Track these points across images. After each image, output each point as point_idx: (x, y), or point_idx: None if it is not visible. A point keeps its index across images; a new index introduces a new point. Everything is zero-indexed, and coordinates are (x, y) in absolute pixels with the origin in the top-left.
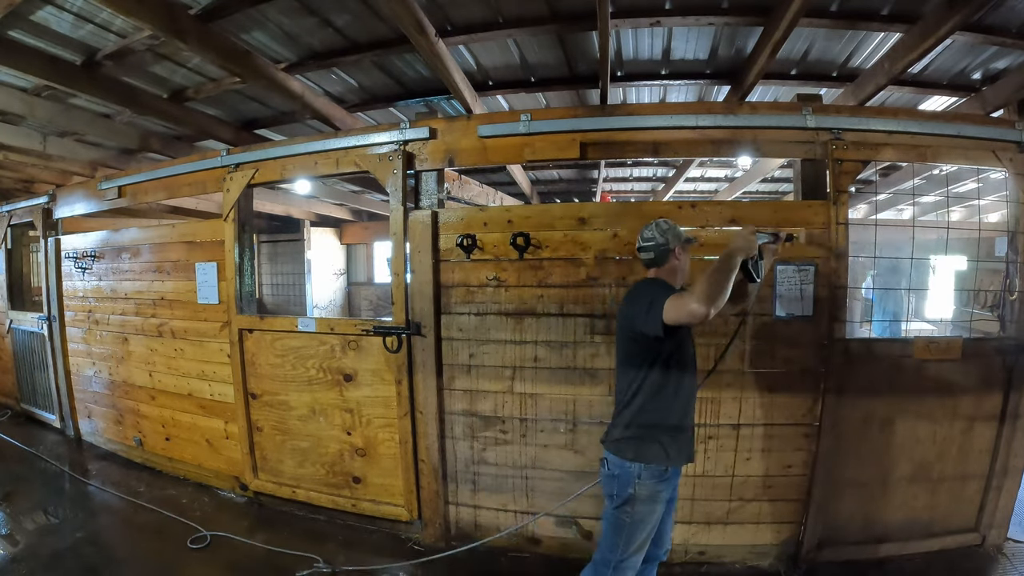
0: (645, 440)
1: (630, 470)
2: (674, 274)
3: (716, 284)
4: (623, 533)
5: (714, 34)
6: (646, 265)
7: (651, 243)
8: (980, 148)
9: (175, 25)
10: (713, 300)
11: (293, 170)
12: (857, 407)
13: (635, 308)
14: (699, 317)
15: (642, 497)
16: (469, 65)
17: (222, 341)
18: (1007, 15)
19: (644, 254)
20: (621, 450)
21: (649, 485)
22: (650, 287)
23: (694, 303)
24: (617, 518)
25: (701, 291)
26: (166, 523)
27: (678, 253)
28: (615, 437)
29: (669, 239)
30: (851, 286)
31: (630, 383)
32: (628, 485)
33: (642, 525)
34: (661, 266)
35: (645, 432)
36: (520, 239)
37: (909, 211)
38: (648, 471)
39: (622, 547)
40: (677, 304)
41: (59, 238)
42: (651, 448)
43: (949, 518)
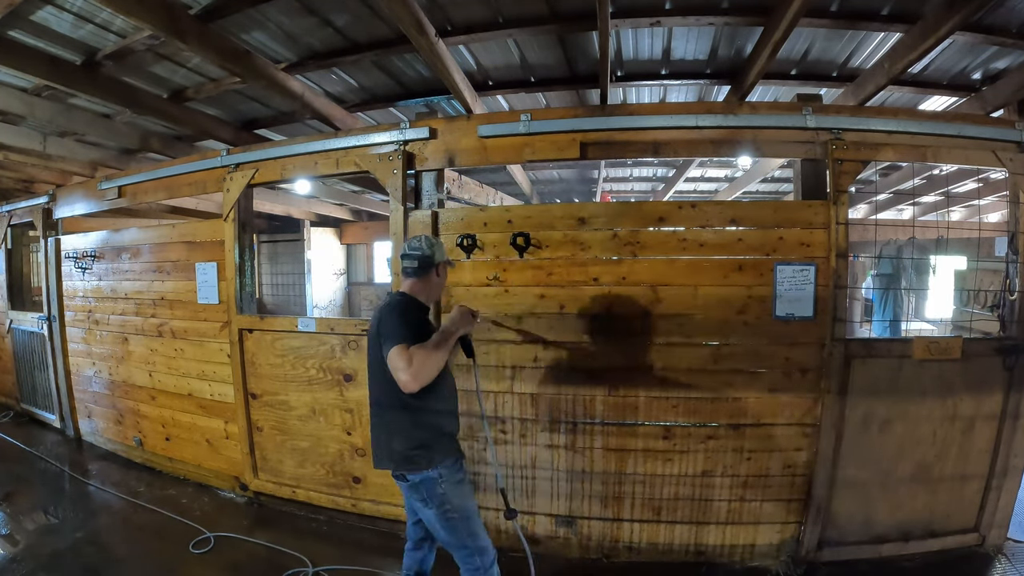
0: (431, 446)
1: (430, 475)
2: (429, 288)
3: (430, 363)
4: (460, 528)
5: (714, 34)
6: (405, 274)
7: (417, 252)
8: (980, 148)
9: (175, 25)
10: (424, 378)
11: (293, 170)
12: (857, 407)
13: (384, 326)
14: (405, 389)
15: (452, 491)
16: (469, 65)
17: (222, 341)
18: (1007, 15)
19: (408, 262)
20: (412, 465)
21: (452, 478)
22: (398, 308)
23: (403, 375)
24: (447, 520)
25: (415, 369)
26: (166, 523)
27: (440, 270)
28: (400, 457)
29: (435, 253)
30: (851, 286)
31: (391, 399)
32: (434, 487)
33: (470, 514)
34: (419, 278)
35: (426, 439)
36: (520, 239)
37: (909, 211)
38: (445, 467)
39: (469, 538)
40: (393, 361)
41: (59, 238)
42: (439, 449)
43: (949, 518)
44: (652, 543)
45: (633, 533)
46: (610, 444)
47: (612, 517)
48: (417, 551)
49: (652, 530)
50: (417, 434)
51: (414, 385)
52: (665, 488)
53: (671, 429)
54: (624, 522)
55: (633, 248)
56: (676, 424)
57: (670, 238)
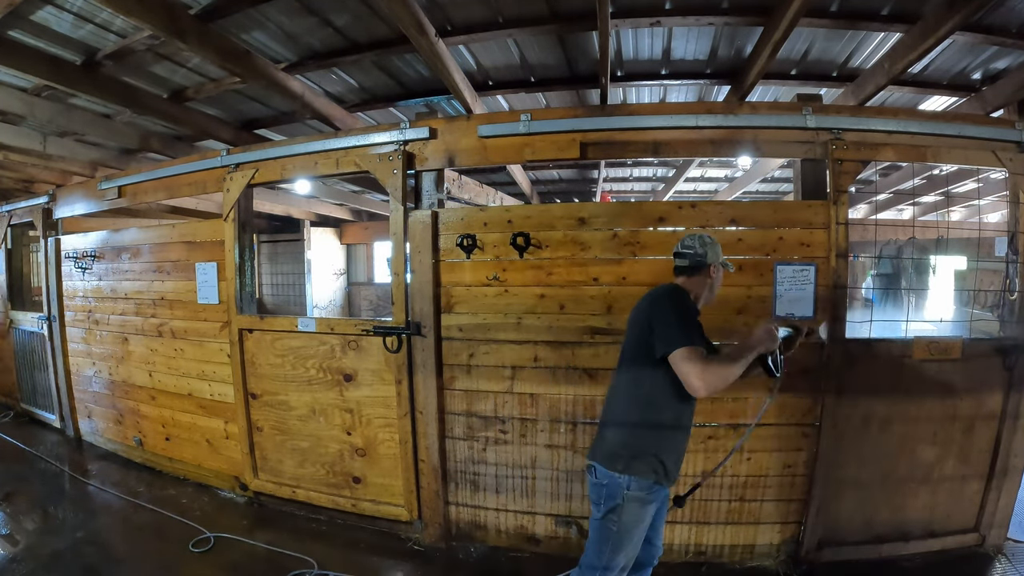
0: (638, 456)
1: (619, 481)
2: (701, 288)
3: (725, 376)
4: (609, 541)
5: (714, 34)
6: (677, 271)
7: (690, 251)
8: (980, 148)
9: (175, 25)
10: (714, 389)
11: (293, 170)
12: (857, 407)
13: (657, 316)
14: (693, 393)
15: (630, 508)
16: (469, 65)
17: (222, 341)
18: (1007, 15)
19: (680, 260)
20: (611, 462)
21: (638, 496)
22: (678, 300)
23: (696, 380)
24: (604, 526)
25: (710, 377)
26: (166, 523)
27: (712, 271)
28: (607, 449)
29: (708, 253)
30: (851, 286)
31: (634, 389)
32: (616, 496)
33: (629, 535)
34: (691, 276)
35: (639, 448)
36: (520, 239)
37: (909, 211)
38: (637, 483)
39: (608, 555)
40: (684, 363)
41: (59, 238)
42: (643, 464)
43: (949, 518)
44: None
45: None
46: None
47: None
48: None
49: None
50: (637, 434)
51: (704, 391)
52: None
53: None
54: None
55: (633, 248)
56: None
57: (670, 238)
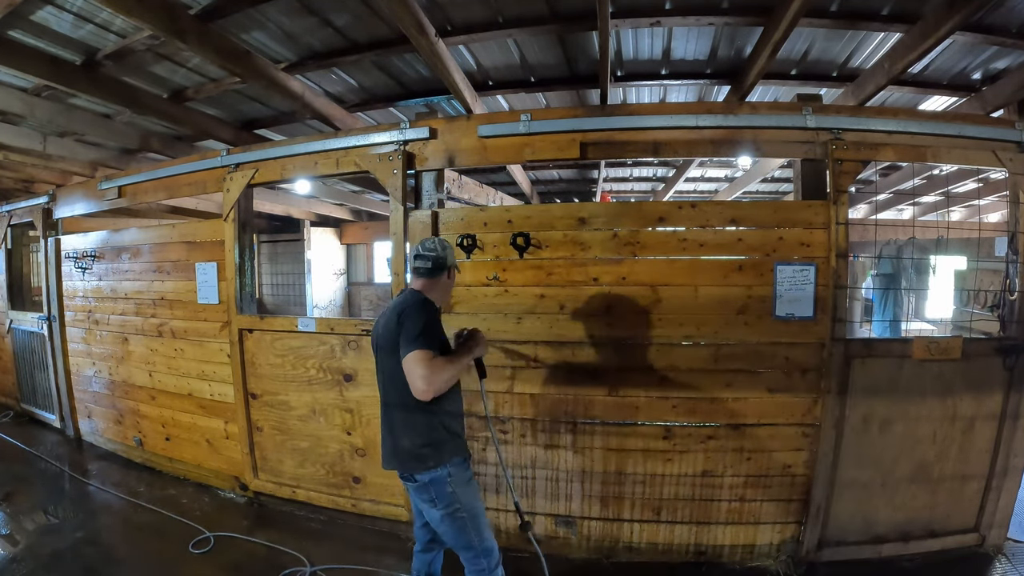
0: (440, 444)
1: (439, 474)
2: (439, 291)
3: (449, 379)
4: (467, 528)
5: (714, 34)
6: (417, 273)
7: (432, 254)
8: (980, 148)
9: (175, 25)
10: (437, 391)
11: (293, 170)
12: (857, 407)
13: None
14: (419, 396)
15: (461, 489)
16: (469, 65)
17: (222, 341)
18: (1007, 15)
19: (421, 262)
20: (422, 462)
21: (460, 475)
22: (421, 314)
23: (422, 384)
24: (454, 519)
25: (435, 381)
26: (166, 523)
27: (450, 273)
28: (411, 455)
29: (448, 256)
30: (851, 286)
31: (403, 399)
32: (443, 486)
33: (476, 510)
34: (431, 279)
35: (436, 438)
36: (520, 239)
37: (909, 211)
38: (455, 466)
39: (476, 537)
40: (416, 369)
41: (59, 238)
42: (449, 447)
43: (949, 518)
44: (652, 543)
45: (633, 533)
46: (610, 444)
47: (612, 517)
48: (426, 553)
49: (652, 530)
50: (426, 432)
51: (428, 395)
52: (665, 488)
53: (671, 429)
54: (624, 522)
55: (633, 248)
56: (676, 424)
57: (670, 238)
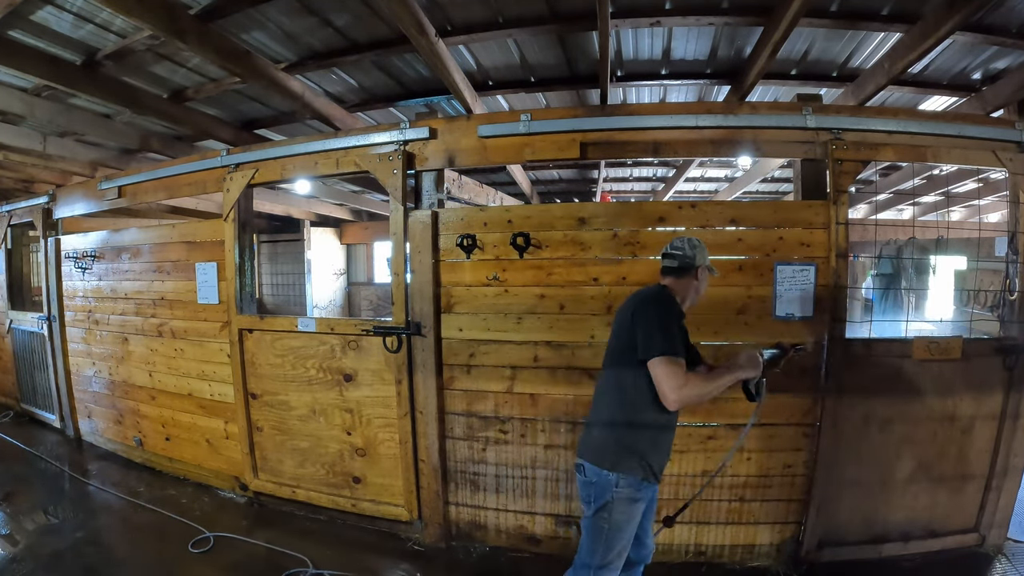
0: (626, 452)
1: (608, 478)
2: (687, 291)
3: (700, 396)
4: (602, 539)
5: (714, 34)
6: (664, 272)
7: (679, 252)
8: (980, 148)
9: (175, 25)
10: (687, 404)
11: (293, 170)
12: (857, 407)
13: (642, 319)
14: (665, 403)
15: (620, 504)
16: (469, 65)
17: (222, 341)
18: (1007, 15)
19: (668, 261)
20: (600, 459)
21: (627, 492)
22: (665, 305)
23: (672, 393)
24: (595, 524)
25: (686, 393)
26: (166, 523)
27: (699, 274)
28: (594, 445)
29: (697, 256)
30: (851, 286)
31: (618, 389)
32: (606, 493)
33: (620, 532)
34: (679, 278)
35: (627, 445)
36: (520, 239)
37: (909, 211)
38: (626, 480)
39: (601, 553)
40: (663, 373)
41: (59, 238)
42: (631, 460)
43: (949, 518)
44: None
45: None
46: None
47: None
48: None
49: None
50: (623, 434)
51: (676, 405)
52: (665, 488)
53: None
54: None
55: (633, 248)
56: (676, 424)
57: (670, 238)
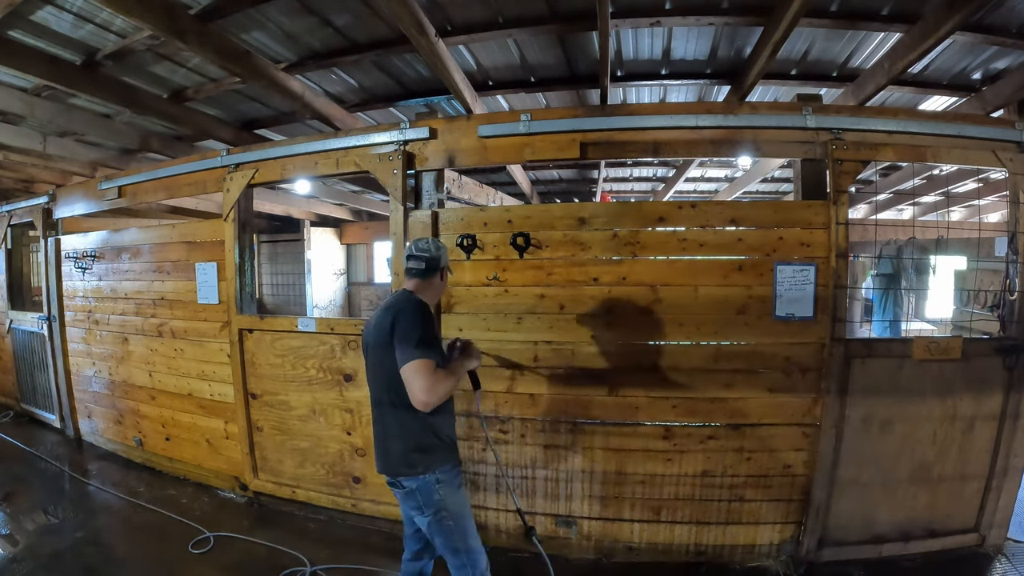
0: (431, 450)
1: (427, 480)
2: (432, 292)
3: (449, 390)
4: (455, 533)
5: (714, 34)
6: (409, 274)
7: (426, 254)
8: (980, 148)
9: (175, 25)
10: (438, 403)
11: (293, 170)
12: (857, 407)
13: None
14: (419, 407)
15: (449, 496)
16: (469, 65)
17: (222, 341)
18: (1007, 15)
19: (414, 263)
20: (410, 468)
21: (449, 483)
22: (417, 318)
23: (423, 396)
24: (441, 525)
25: (436, 393)
26: (166, 523)
27: (443, 274)
28: (399, 460)
29: (442, 257)
30: (851, 286)
31: (395, 402)
32: (431, 492)
33: (465, 519)
34: (424, 279)
35: (427, 444)
36: (520, 239)
37: (909, 211)
38: (443, 472)
39: (462, 545)
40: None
41: (59, 238)
42: (439, 455)
43: (949, 518)
44: (652, 543)
45: (633, 533)
46: (610, 444)
47: (612, 517)
48: (416, 562)
49: (652, 530)
50: (418, 437)
51: (428, 407)
52: (665, 488)
53: (671, 429)
54: (624, 522)
55: (633, 248)
56: (676, 424)
57: (670, 238)
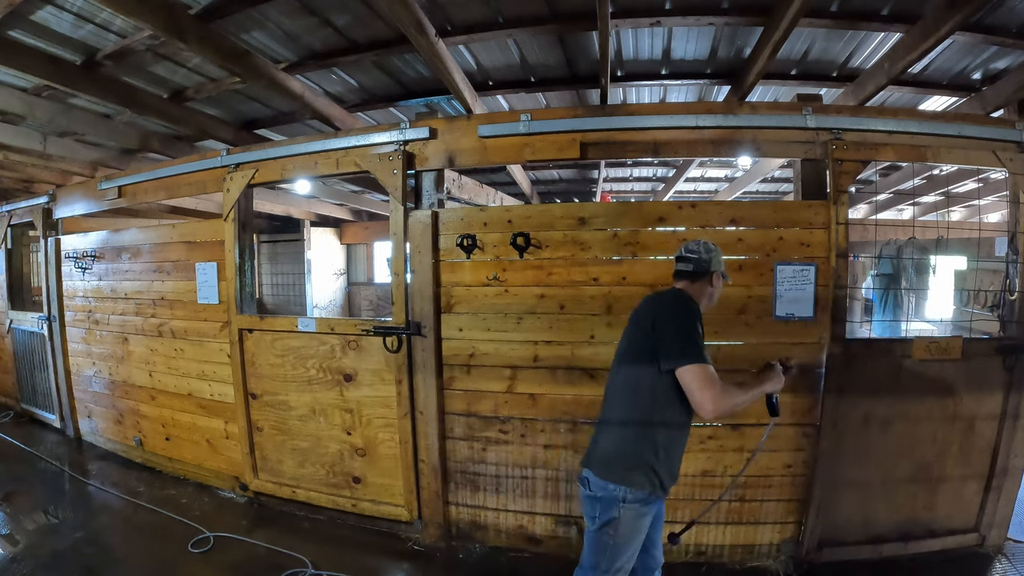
0: (635, 467)
1: (614, 493)
2: (702, 296)
3: (735, 406)
4: (607, 553)
5: (714, 34)
6: (678, 275)
7: (694, 256)
8: (980, 148)
9: (175, 25)
10: (723, 416)
11: (293, 170)
12: (857, 407)
13: (665, 324)
14: (701, 413)
15: (627, 520)
16: (469, 65)
17: (222, 341)
18: (1007, 15)
19: (682, 264)
20: (606, 472)
21: (634, 508)
22: (688, 311)
23: (709, 404)
24: (599, 539)
25: (723, 404)
26: (166, 523)
27: (714, 279)
28: (601, 457)
29: (713, 260)
30: (851, 286)
31: (634, 395)
32: (612, 508)
33: (626, 546)
34: (693, 282)
35: (636, 458)
36: (520, 239)
37: (909, 211)
38: (633, 495)
39: (605, 565)
40: (698, 384)
41: (59, 238)
42: (639, 475)
43: (949, 518)
44: None
45: None
46: None
47: None
48: None
49: None
50: (633, 445)
51: (714, 416)
52: None
53: None
54: None
55: (633, 248)
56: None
57: (670, 238)
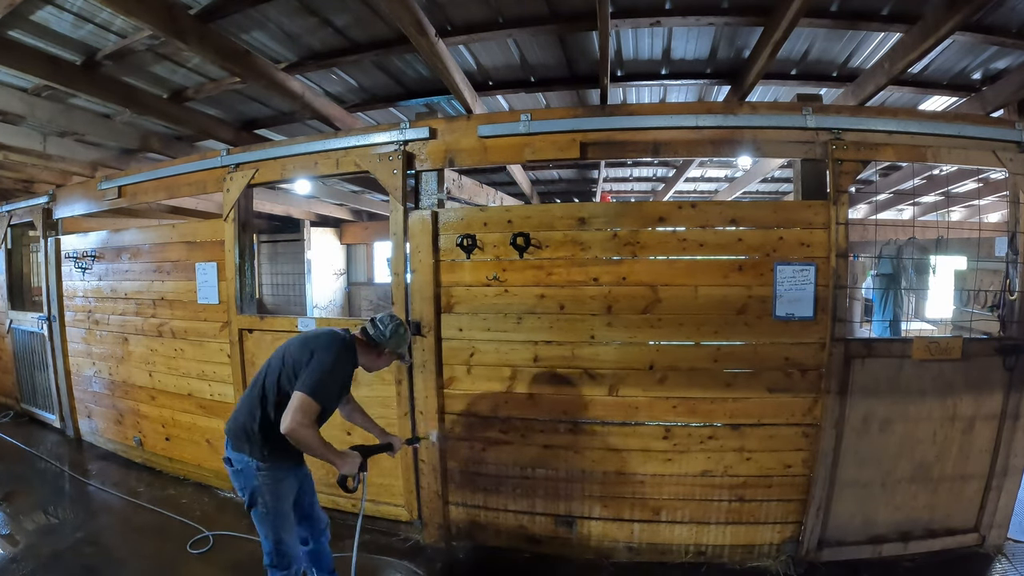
0: (268, 443)
1: (250, 464)
2: (369, 359)
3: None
4: (266, 522)
5: (714, 34)
6: (363, 331)
7: (380, 327)
8: (980, 148)
9: (175, 25)
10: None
11: (293, 170)
12: (857, 407)
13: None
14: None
15: (267, 487)
16: (469, 65)
17: (222, 341)
18: (1007, 15)
19: (369, 326)
20: (246, 443)
21: (274, 474)
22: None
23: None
24: (256, 512)
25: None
26: (166, 523)
27: (385, 355)
28: (240, 429)
29: (391, 342)
30: (851, 286)
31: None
32: (251, 478)
33: (280, 513)
34: (367, 345)
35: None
36: (520, 239)
37: (909, 211)
38: (271, 462)
39: (272, 534)
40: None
41: (59, 238)
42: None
43: (949, 518)
44: (652, 543)
45: (633, 533)
46: (610, 444)
47: (612, 517)
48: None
49: (652, 530)
50: (264, 427)
51: (285, 432)
52: (665, 488)
53: (671, 429)
54: (624, 522)
55: (633, 248)
56: (676, 424)
57: (670, 238)
